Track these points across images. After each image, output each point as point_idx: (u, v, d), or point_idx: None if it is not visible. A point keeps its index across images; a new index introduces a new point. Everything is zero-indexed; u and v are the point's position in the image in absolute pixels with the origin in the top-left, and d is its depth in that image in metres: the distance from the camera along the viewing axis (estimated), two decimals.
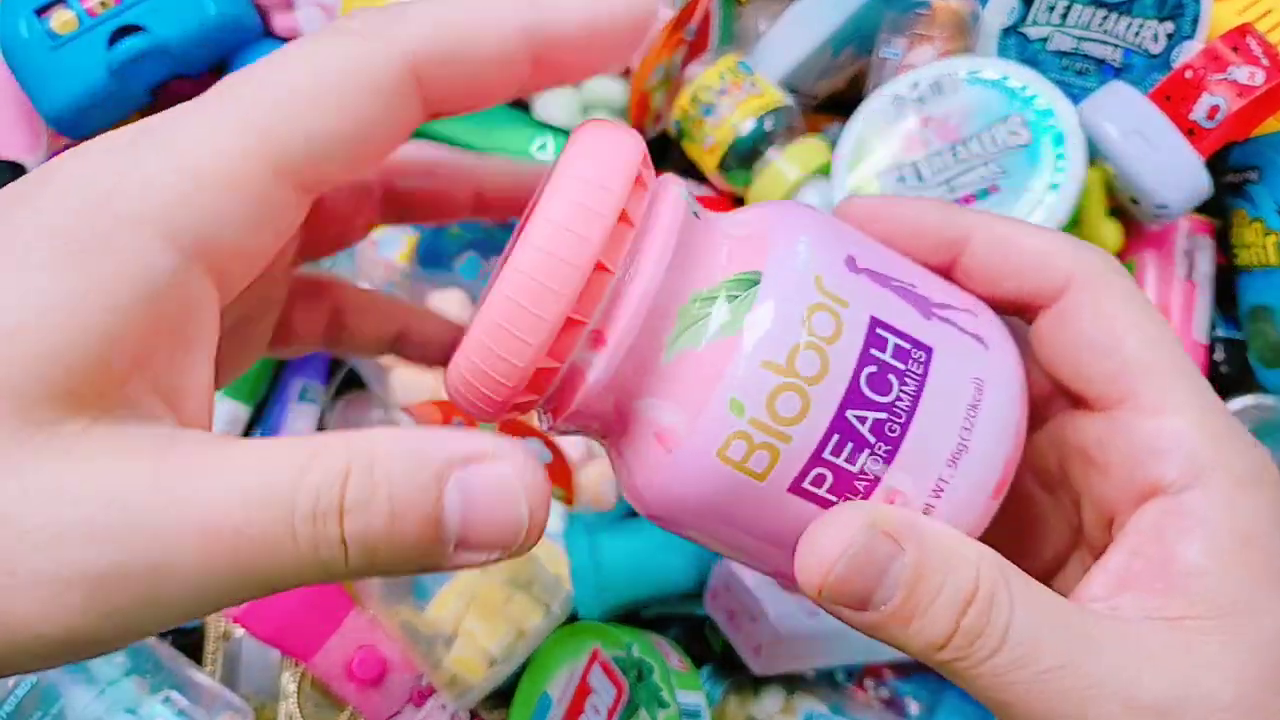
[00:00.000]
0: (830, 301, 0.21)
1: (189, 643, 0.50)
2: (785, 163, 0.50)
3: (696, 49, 0.55)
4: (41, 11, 0.47)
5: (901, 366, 0.21)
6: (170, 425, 0.18)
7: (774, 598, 0.47)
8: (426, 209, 0.27)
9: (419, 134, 0.21)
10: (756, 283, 0.21)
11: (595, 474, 0.48)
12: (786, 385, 0.20)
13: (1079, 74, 0.51)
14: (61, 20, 0.47)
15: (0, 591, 0.16)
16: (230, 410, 0.51)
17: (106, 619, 0.16)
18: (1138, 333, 0.22)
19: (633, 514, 0.49)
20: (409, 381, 0.47)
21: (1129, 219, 0.50)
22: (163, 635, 0.48)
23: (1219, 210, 0.52)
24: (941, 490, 0.21)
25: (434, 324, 0.29)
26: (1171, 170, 0.46)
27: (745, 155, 0.51)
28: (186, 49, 0.47)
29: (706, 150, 0.52)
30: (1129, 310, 0.22)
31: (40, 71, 0.47)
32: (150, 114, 0.19)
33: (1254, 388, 0.50)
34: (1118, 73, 0.51)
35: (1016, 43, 0.51)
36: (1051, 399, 0.25)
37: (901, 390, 0.21)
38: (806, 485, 0.21)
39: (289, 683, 0.49)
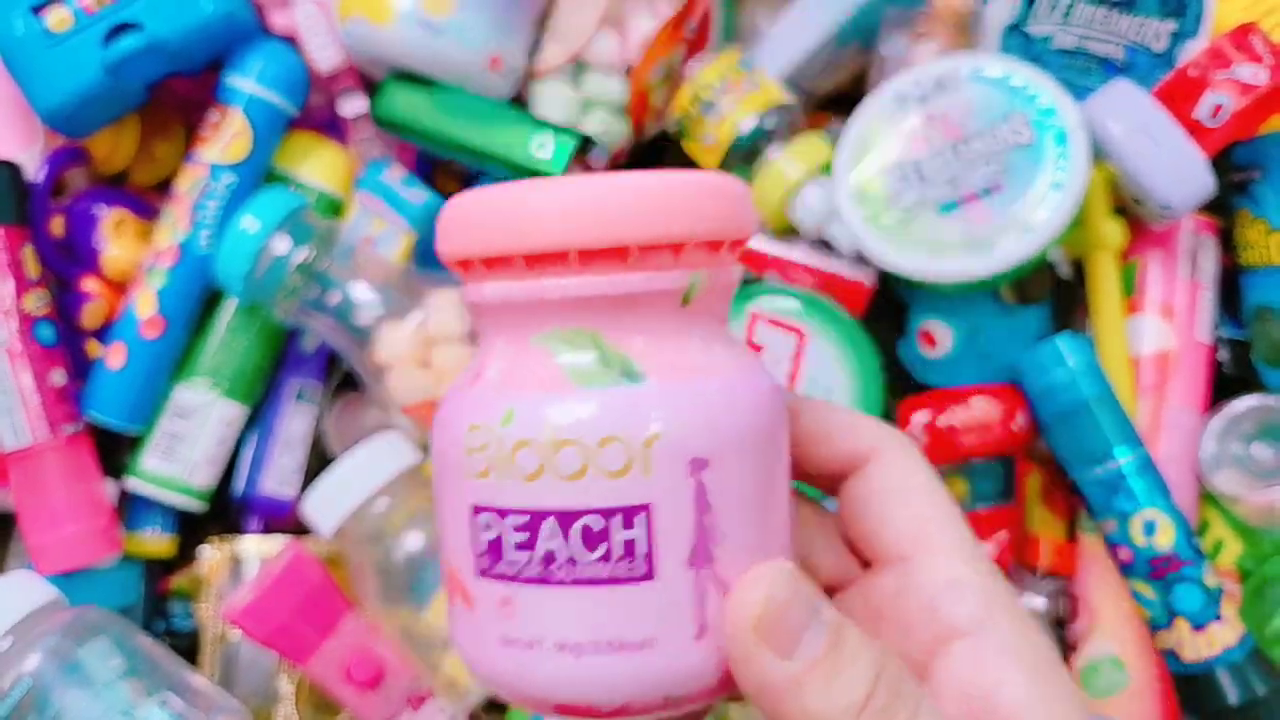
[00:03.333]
0: (642, 453, 0.21)
1: (185, 645, 0.50)
2: (786, 160, 0.50)
3: (696, 46, 0.54)
4: (38, 9, 0.46)
5: (602, 553, 0.21)
6: None
7: None
8: None
9: (405, 128, 0.20)
10: (636, 382, 0.21)
11: None
12: (561, 445, 0.21)
13: (1082, 72, 0.51)
14: (57, 18, 0.46)
15: None
16: (226, 411, 0.50)
17: None
18: (929, 492, 0.25)
19: None
20: (407, 383, 0.46)
21: (1132, 218, 0.50)
22: (159, 637, 0.47)
23: (1223, 209, 0.52)
24: None
25: None
26: (1175, 169, 0.46)
27: (746, 153, 0.51)
28: (183, 47, 0.47)
29: (707, 148, 0.52)
30: (921, 473, 0.26)
31: (36, 69, 0.47)
32: (146, 112, 0.18)
33: (1258, 389, 0.50)
34: (1121, 71, 0.50)
35: (1019, 41, 0.51)
36: (840, 586, 0.26)
37: (568, 563, 0.21)
38: (479, 518, 0.22)
39: (286, 685, 0.48)
